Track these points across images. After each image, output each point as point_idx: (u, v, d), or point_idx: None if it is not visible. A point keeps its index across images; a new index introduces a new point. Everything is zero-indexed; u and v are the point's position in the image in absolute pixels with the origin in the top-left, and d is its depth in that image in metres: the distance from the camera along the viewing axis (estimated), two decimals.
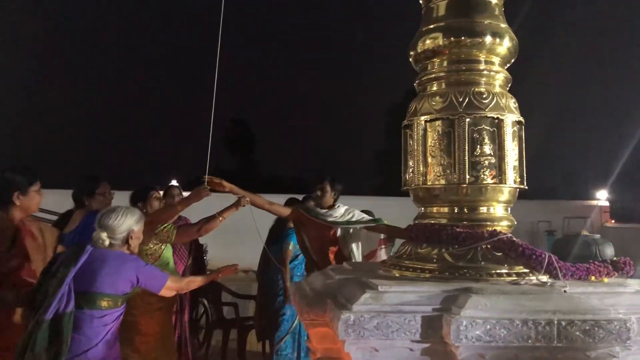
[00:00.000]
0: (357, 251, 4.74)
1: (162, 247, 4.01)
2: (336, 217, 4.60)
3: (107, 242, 2.85)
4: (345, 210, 4.68)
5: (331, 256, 4.64)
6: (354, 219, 4.65)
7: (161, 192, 4.62)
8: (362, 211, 5.69)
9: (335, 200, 4.73)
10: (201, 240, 7.76)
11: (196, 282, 3.36)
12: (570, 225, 15.13)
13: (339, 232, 4.62)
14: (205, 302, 6.25)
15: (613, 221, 16.13)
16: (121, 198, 4.07)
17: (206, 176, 4.15)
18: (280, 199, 5.02)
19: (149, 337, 3.85)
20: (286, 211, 4.67)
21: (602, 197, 16.84)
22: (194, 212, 4.55)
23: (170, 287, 3.03)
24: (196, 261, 5.45)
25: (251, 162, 35.49)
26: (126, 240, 2.91)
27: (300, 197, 5.92)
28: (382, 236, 5.14)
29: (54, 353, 2.57)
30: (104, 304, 2.75)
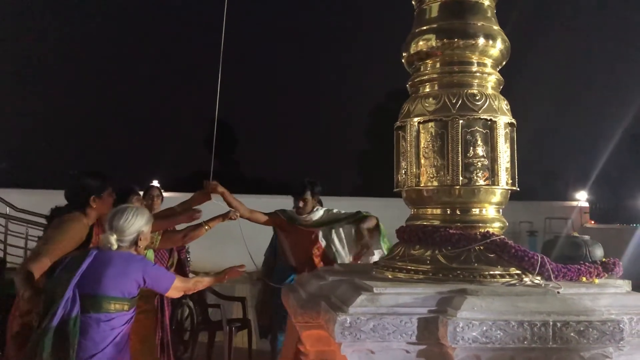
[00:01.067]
0: (343, 251, 4.74)
1: (145, 251, 3.97)
2: (316, 220, 4.64)
3: (115, 246, 2.79)
4: (324, 212, 4.72)
5: (317, 260, 4.64)
6: (332, 218, 4.68)
7: (141, 193, 4.55)
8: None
9: (317, 203, 4.77)
10: None
11: (204, 282, 3.28)
12: (552, 226, 15.32)
13: (320, 234, 4.63)
14: (191, 303, 6.19)
15: (593, 222, 16.38)
16: None
17: (210, 181, 4.21)
18: (262, 200, 5.02)
19: (132, 339, 3.83)
20: (264, 218, 4.68)
21: (582, 198, 17.08)
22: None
23: (177, 288, 2.98)
24: (178, 263, 5.40)
25: (232, 163, 35.34)
26: (135, 242, 2.87)
27: (282, 198, 5.94)
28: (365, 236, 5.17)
29: (61, 358, 2.53)
30: (111, 307, 2.69)
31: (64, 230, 3.11)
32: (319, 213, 4.73)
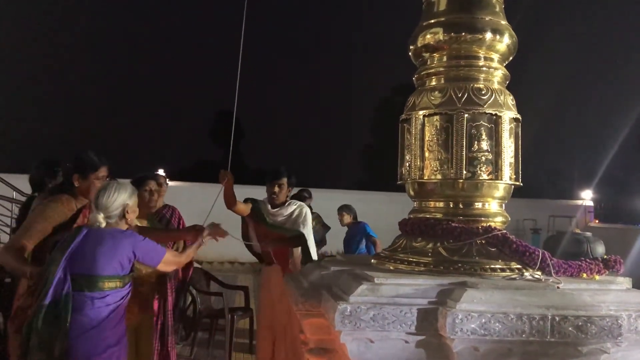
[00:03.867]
0: (312, 250, 4.74)
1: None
2: (284, 217, 4.63)
3: (103, 224, 2.85)
4: (295, 209, 4.69)
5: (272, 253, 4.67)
6: (295, 223, 4.65)
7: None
8: (343, 206, 5.73)
9: (290, 194, 4.77)
10: None
11: (191, 253, 3.37)
12: (556, 224, 15.31)
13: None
14: (194, 291, 6.23)
15: (597, 221, 16.35)
16: None
17: (227, 170, 4.26)
18: (262, 190, 5.00)
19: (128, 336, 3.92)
20: (247, 211, 4.69)
21: (586, 197, 17.05)
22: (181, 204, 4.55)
23: (168, 261, 3.03)
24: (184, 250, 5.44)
25: (237, 154, 35.33)
26: (122, 216, 2.92)
27: None
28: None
29: (55, 333, 2.60)
30: (105, 285, 2.75)
31: (42, 213, 3.15)
32: (289, 209, 4.68)
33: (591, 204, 16.98)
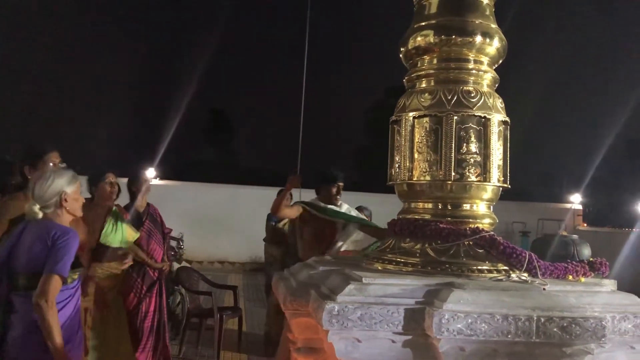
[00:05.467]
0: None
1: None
2: (343, 212, 4.73)
3: (39, 215, 2.64)
4: (346, 208, 4.82)
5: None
6: (354, 217, 4.76)
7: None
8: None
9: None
10: (177, 230, 7.71)
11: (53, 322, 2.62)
12: (545, 227, 15.41)
13: (340, 230, 4.70)
14: (183, 290, 6.23)
15: (585, 224, 16.48)
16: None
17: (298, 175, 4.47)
18: (258, 191, 5.04)
19: (108, 324, 3.94)
20: (294, 213, 4.72)
21: (575, 200, 17.17)
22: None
23: (52, 284, 2.54)
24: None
25: (230, 153, 35.33)
26: (60, 204, 2.69)
27: (274, 189, 5.99)
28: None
29: None
30: (36, 285, 2.50)
31: (1, 211, 3.10)
32: (344, 207, 4.82)
33: (580, 207, 17.13)
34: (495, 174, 2.81)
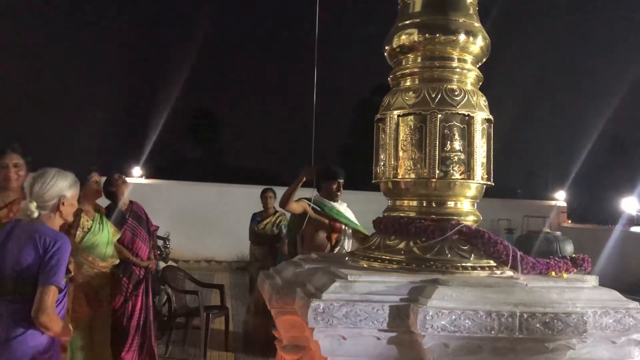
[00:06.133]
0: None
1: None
2: (344, 211, 4.73)
3: (35, 214, 2.53)
4: (345, 207, 4.82)
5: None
6: (352, 219, 4.75)
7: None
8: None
9: None
10: (163, 228, 7.67)
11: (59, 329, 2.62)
12: (530, 224, 15.56)
13: (346, 230, 4.70)
14: (169, 290, 6.21)
15: (570, 221, 16.65)
16: None
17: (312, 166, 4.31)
18: (245, 189, 5.04)
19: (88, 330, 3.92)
20: (300, 208, 4.69)
21: (560, 197, 17.34)
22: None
23: (52, 298, 2.48)
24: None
25: (216, 152, 35.22)
26: (57, 207, 2.60)
27: (259, 188, 5.98)
28: None
29: None
30: (27, 289, 2.43)
31: None
32: (344, 204, 4.81)
33: (564, 204, 17.29)
34: (479, 171, 2.83)
